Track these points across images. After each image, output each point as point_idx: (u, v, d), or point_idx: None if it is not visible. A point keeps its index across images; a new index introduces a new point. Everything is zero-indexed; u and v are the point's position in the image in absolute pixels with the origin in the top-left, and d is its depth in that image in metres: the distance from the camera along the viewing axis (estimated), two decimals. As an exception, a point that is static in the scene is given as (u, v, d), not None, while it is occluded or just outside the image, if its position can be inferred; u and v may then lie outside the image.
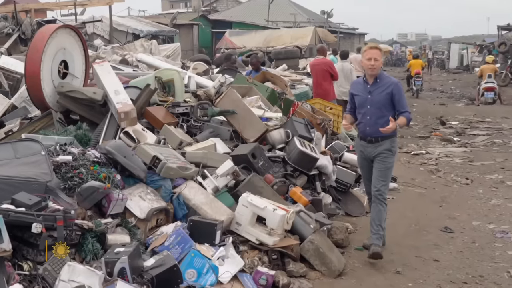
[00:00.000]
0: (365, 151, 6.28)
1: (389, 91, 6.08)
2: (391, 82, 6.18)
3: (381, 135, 6.06)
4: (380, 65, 6.20)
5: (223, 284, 4.85)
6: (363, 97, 6.21)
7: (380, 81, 6.17)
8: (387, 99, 6.09)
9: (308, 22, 48.09)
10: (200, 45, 38.73)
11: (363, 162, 6.42)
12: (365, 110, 6.18)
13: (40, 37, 7.13)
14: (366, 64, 6.14)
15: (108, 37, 24.76)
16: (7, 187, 4.38)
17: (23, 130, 6.68)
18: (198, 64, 14.13)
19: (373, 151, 6.18)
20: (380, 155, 6.13)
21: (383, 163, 6.14)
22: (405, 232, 7.06)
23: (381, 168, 6.15)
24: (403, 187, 9.24)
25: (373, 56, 6.09)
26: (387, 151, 6.13)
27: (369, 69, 6.12)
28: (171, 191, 5.71)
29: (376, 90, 6.14)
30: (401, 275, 5.72)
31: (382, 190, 6.16)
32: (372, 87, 6.18)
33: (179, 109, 7.70)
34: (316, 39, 30.41)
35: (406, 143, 13.48)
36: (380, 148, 6.13)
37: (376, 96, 6.12)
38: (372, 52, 6.14)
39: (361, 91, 6.27)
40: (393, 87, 6.11)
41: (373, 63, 6.08)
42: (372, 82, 6.18)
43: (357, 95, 6.31)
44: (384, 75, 6.31)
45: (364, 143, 6.26)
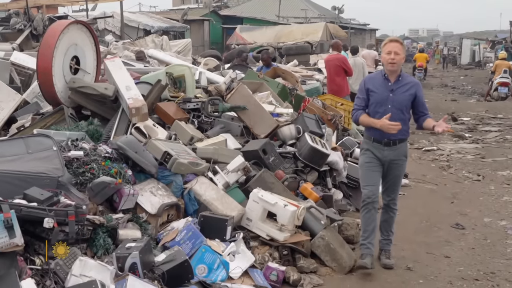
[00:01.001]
0: (379, 154, 5.74)
1: (413, 92, 5.69)
2: (414, 82, 5.82)
3: (399, 138, 5.69)
4: (402, 60, 5.69)
5: (233, 279, 4.85)
6: (384, 95, 5.69)
7: (403, 80, 5.73)
8: (409, 100, 5.70)
9: (319, 18, 47.94)
10: (211, 41, 38.76)
11: (373, 166, 5.81)
12: (385, 109, 5.65)
13: (51, 33, 7.15)
14: (386, 59, 5.67)
15: (119, 33, 24.84)
16: (19, 182, 4.40)
17: (35, 125, 6.71)
18: (209, 60, 14.14)
19: (389, 154, 5.72)
20: (397, 162, 5.76)
21: (399, 171, 5.84)
22: (416, 228, 7.04)
23: (397, 176, 5.86)
24: (414, 183, 9.21)
25: (393, 50, 5.62)
26: (404, 157, 5.81)
27: (389, 64, 5.63)
28: (182, 187, 5.72)
29: (400, 89, 5.68)
30: (412, 272, 5.70)
31: (395, 198, 5.95)
32: (395, 85, 5.70)
33: (190, 104, 7.71)
34: (327, 35, 30.33)
35: (417, 139, 13.41)
36: (397, 153, 5.73)
37: (399, 96, 5.67)
38: (392, 45, 5.67)
39: (380, 88, 5.73)
40: (417, 87, 5.74)
41: (393, 56, 5.60)
42: (395, 80, 5.71)
43: (375, 92, 5.75)
44: (405, 74, 5.87)
45: (379, 146, 5.74)
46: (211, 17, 40.56)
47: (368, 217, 5.77)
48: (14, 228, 3.80)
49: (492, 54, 39.20)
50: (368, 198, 5.74)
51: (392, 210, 5.95)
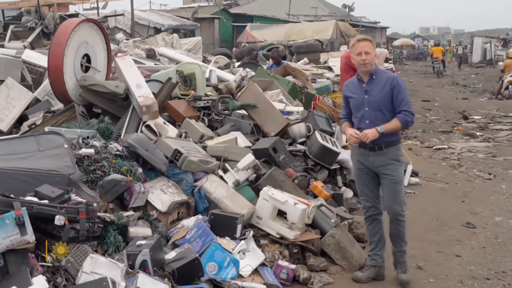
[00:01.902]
0: (365, 161, 5.34)
1: (388, 88, 5.18)
2: (390, 77, 5.29)
3: (385, 141, 5.21)
4: (374, 59, 5.26)
5: (243, 277, 4.85)
6: (359, 98, 5.31)
7: (377, 77, 5.27)
8: (387, 97, 5.20)
9: (329, 16, 47.91)
10: (221, 39, 38.78)
11: (361, 174, 5.45)
12: (363, 112, 5.28)
13: (63, 31, 7.18)
14: (357, 60, 5.24)
15: (130, 31, 24.88)
16: (30, 180, 4.42)
17: (46, 123, 6.75)
18: (219, 58, 14.14)
19: (376, 160, 5.27)
20: (387, 168, 5.26)
21: (393, 178, 5.28)
22: (426, 227, 7.01)
23: (392, 184, 5.28)
24: (424, 181, 9.18)
25: (363, 50, 5.20)
26: (395, 162, 5.28)
27: (362, 65, 5.21)
28: (192, 185, 5.73)
29: (374, 88, 5.24)
30: (423, 270, 5.69)
31: (399, 210, 5.37)
32: (368, 85, 5.28)
33: (200, 102, 7.73)
34: (337, 33, 30.26)
35: (428, 138, 13.37)
36: (385, 158, 5.24)
37: (375, 95, 5.22)
38: (362, 45, 5.24)
39: (356, 92, 5.36)
40: (392, 82, 5.21)
41: (364, 57, 5.18)
42: (368, 79, 5.29)
43: (352, 97, 5.40)
44: (380, 70, 5.40)
45: (364, 152, 5.32)
46: (221, 15, 40.60)
47: (371, 228, 5.55)
48: (25, 225, 3.82)
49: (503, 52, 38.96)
50: (366, 211, 5.54)
51: (399, 223, 5.42)
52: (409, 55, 55.62)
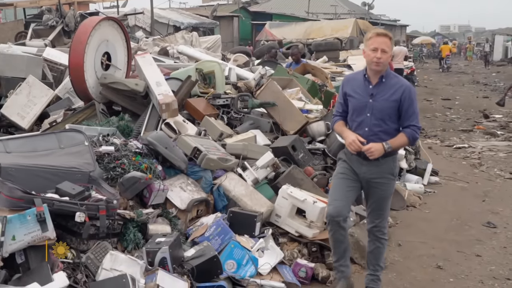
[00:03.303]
0: (357, 169, 4.70)
1: (398, 97, 4.53)
2: (402, 85, 4.60)
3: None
4: (388, 60, 4.60)
5: (262, 275, 4.85)
6: (362, 100, 4.63)
7: (387, 82, 4.60)
8: (394, 107, 4.56)
9: (349, 14, 47.76)
10: (240, 37, 38.81)
11: (344, 178, 4.75)
12: (363, 118, 4.62)
13: (83, 29, 7.23)
14: (370, 57, 4.54)
15: (150, 29, 24.99)
16: (51, 177, 4.45)
17: (67, 120, 6.80)
18: (238, 56, 14.14)
19: (369, 171, 4.67)
20: (379, 182, 4.68)
21: (384, 192, 4.73)
22: (446, 226, 6.96)
23: (380, 198, 4.74)
24: (445, 181, 9.12)
25: (380, 46, 4.51)
26: (389, 175, 4.71)
27: (374, 63, 4.53)
28: (211, 182, 5.74)
29: (381, 94, 4.58)
30: (442, 270, 5.65)
31: (381, 225, 4.84)
32: (375, 88, 4.60)
33: (220, 100, 7.74)
34: (357, 31, 30.13)
35: (448, 137, 13.30)
36: (379, 170, 4.65)
37: (380, 102, 4.57)
38: (380, 41, 4.54)
39: (359, 92, 4.67)
40: (404, 91, 4.54)
41: (379, 55, 4.50)
42: (377, 82, 4.62)
43: (353, 96, 4.70)
44: (392, 74, 4.71)
45: (358, 159, 4.67)
46: (241, 13, 40.65)
47: (335, 238, 4.73)
48: (46, 222, 3.85)
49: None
50: (331, 216, 4.65)
51: (379, 240, 4.86)
52: (429, 53, 55.22)
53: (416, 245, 6.28)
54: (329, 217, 4.66)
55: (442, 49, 38.30)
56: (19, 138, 5.15)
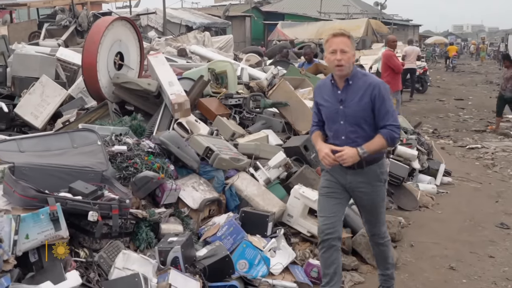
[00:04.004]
0: (341, 179, 4.37)
1: (368, 98, 4.16)
2: (370, 83, 4.20)
3: (366, 159, 4.23)
4: (352, 59, 4.20)
5: (274, 275, 4.85)
6: (333, 108, 4.30)
7: (354, 84, 4.23)
8: (366, 109, 4.19)
9: (361, 14, 47.68)
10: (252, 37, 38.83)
11: (329, 189, 4.43)
12: (337, 127, 4.30)
13: (96, 29, 7.26)
14: (331, 60, 4.19)
15: (162, 29, 25.07)
16: (64, 176, 4.47)
17: (80, 120, 6.83)
18: (250, 56, 14.16)
19: (354, 180, 4.33)
20: (366, 191, 4.36)
21: (373, 199, 4.41)
22: (459, 227, 6.92)
23: (371, 206, 4.45)
24: (457, 181, 9.07)
25: (338, 47, 4.14)
26: (377, 182, 4.36)
27: (336, 67, 4.17)
28: (223, 182, 5.74)
29: (350, 97, 4.22)
30: (455, 271, 5.62)
31: (382, 233, 4.59)
32: (343, 93, 4.25)
33: (232, 100, 7.74)
34: (369, 31, 30.10)
35: (461, 137, 13.22)
36: (365, 178, 4.32)
37: (351, 107, 4.22)
38: (337, 41, 4.17)
39: (329, 100, 4.34)
40: (373, 90, 4.15)
41: (339, 57, 4.12)
42: (343, 85, 4.26)
43: (323, 105, 4.39)
44: (360, 73, 4.30)
45: (341, 169, 4.32)
46: (253, 13, 40.67)
47: (326, 257, 4.38)
48: (59, 221, 3.87)
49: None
50: (323, 233, 4.35)
51: (382, 244, 4.65)
52: (442, 53, 54.95)
53: (428, 245, 6.25)
54: (321, 236, 4.36)
55: (449, 49, 40.55)
56: (33, 138, 5.18)
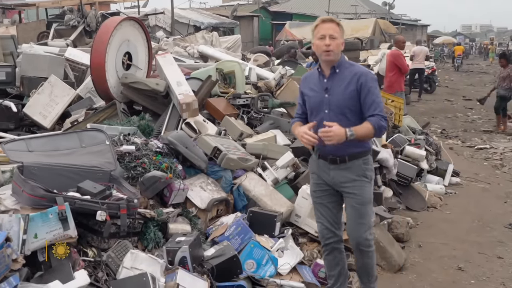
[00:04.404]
0: (325, 175, 4.28)
1: (354, 87, 4.07)
2: (357, 72, 4.12)
3: (350, 152, 4.13)
4: (340, 47, 4.12)
5: (282, 275, 4.85)
6: (318, 97, 4.20)
7: (341, 72, 4.14)
8: (352, 98, 4.08)
9: (369, 14, 47.61)
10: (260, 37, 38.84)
11: (319, 191, 4.37)
12: (322, 116, 4.14)
13: (105, 29, 7.28)
14: (319, 46, 4.09)
15: (170, 29, 25.10)
16: (73, 176, 4.49)
17: (88, 120, 6.85)
18: (258, 56, 14.16)
19: (337, 175, 4.21)
20: (351, 186, 4.18)
21: (359, 197, 4.18)
22: (468, 227, 6.90)
23: (357, 205, 4.19)
24: (466, 182, 9.05)
25: (327, 33, 4.05)
26: (361, 178, 4.18)
27: (324, 52, 4.07)
28: (231, 182, 5.74)
29: (336, 86, 4.13)
30: (464, 272, 5.60)
31: (364, 236, 4.24)
32: (329, 81, 4.16)
33: (240, 100, 7.75)
34: (377, 31, 30.04)
35: (469, 137, 13.19)
36: (348, 174, 4.17)
37: (336, 95, 4.11)
38: (326, 27, 4.08)
39: (314, 89, 4.24)
40: (359, 79, 4.07)
41: (328, 42, 4.04)
42: (329, 73, 4.17)
43: (308, 94, 4.28)
44: (346, 63, 4.23)
45: (324, 164, 4.25)
46: (261, 13, 40.69)
47: (330, 259, 4.48)
48: (68, 220, 3.89)
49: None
50: (323, 238, 4.42)
51: (365, 254, 4.33)
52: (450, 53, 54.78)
53: (437, 246, 6.24)
54: (322, 240, 4.44)
55: (455, 49, 42.13)
56: (41, 137, 5.19)
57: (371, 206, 4.34)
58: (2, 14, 24.30)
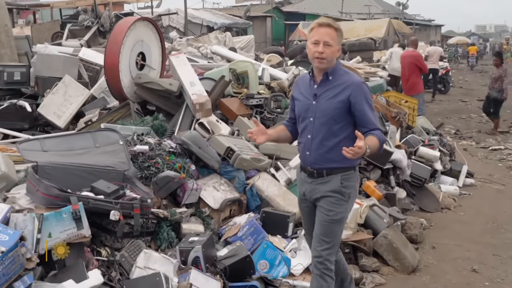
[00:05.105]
0: (302, 188, 4.03)
1: (345, 98, 3.75)
2: (350, 82, 3.80)
3: (328, 167, 3.84)
4: (335, 54, 3.81)
5: (295, 276, 4.84)
6: (306, 103, 3.92)
7: (334, 79, 3.83)
8: (340, 108, 3.77)
9: (382, 14, 47.45)
10: (273, 37, 38.83)
11: (302, 205, 4.14)
12: (306, 123, 3.90)
13: (119, 29, 7.30)
14: (312, 52, 3.79)
15: (183, 30, 25.13)
16: (87, 175, 4.51)
17: (102, 120, 6.87)
18: (271, 56, 14.14)
19: (314, 190, 3.91)
20: (324, 200, 3.86)
21: (327, 214, 3.83)
22: (482, 229, 6.86)
23: (324, 221, 3.85)
24: (480, 183, 8.99)
25: (322, 39, 3.75)
26: (335, 194, 3.83)
27: (316, 59, 3.78)
28: (244, 182, 5.75)
29: (325, 94, 3.83)
30: (478, 273, 5.57)
31: (324, 255, 3.84)
32: (320, 87, 3.87)
33: (253, 100, 7.74)
34: (391, 31, 29.92)
35: (483, 138, 13.11)
36: (324, 188, 3.86)
37: (323, 103, 3.82)
38: (322, 32, 3.77)
39: (304, 94, 3.96)
40: (352, 90, 3.76)
41: (321, 49, 3.74)
42: (321, 80, 3.87)
43: (298, 99, 4.01)
44: (341, 70, 3.91)
45: (304, 177, 4.00)
46: (274, 14, 40.67)
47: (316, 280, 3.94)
48: (81, 219, 3.91)
49: None
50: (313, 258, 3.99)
51: (323, 276, 3.86)
52: (465, 53, 54.44)
53: (451, 247, 6.21)
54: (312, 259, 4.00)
55: (469, 49, 42.27)
56: (56, 137, 5.23)
57: (341, 226, 3.95)
58: (17, 15, 24.43)
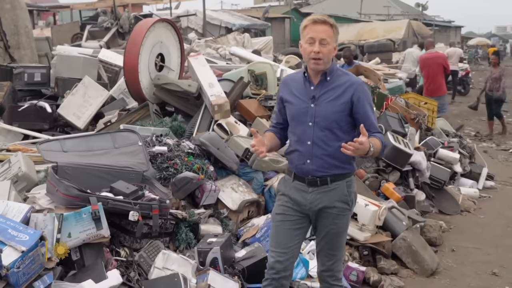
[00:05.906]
0: (301, 198, 3.64)
1: (347, 98, 3.52)
2: (352, 82, 3.57)
3: (332, 173, 3.59)
4: (332, 53, 3.53)
5: (313, 278, 4.82)
6: (302, 106, 3.60)
7: (333, 80, 3.57)
8: (343, 111, 3.53)
9: (402, 15, 47.19)
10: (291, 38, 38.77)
11: (284, 215, 3.70)
12: (304, 129, 3.59)
13: (138, 31, 7.33)
14: (307, 51, 3.51)
15: (202, 31, 25.17)
16: (106, 176, 4.54)
17: (121, 121, 6.90)
18: (290, 57, 14.13)
19: (317, 200, 3.60)
20: (331, 212, 3.61)
21: (336, 226, 3.64)
22: (502, 232, 6.80)
23: (332, 234, 3.66)
24: (500, 185, 8.92)
25: (318, 37, 3.46)
26: (342, 204, 3.62)
27: (312, 60, 3.50)
28: (262, 184, 5.75)
29: (325, 95, 3.56)
30: (498, 277, 5.52)
31: (334, 269, 3.74)
32: (318, 89, 3.58)
33: (271, 102, 7.72)
34: (410, 32, 29.77)
35: (504, 140, 12.99)
36: (330, 197, 3.59)
37: (325, 106, 3.54)
38: (318, 29, 3.48)
39: (298, 96, 3.64)
40: (355, 90, 3.52)
41: (317, 48, 3.46)
42: (319, 81, 3.59)
43: (290, 101, 3.67)
44: (339, 70, 3.66)
45: (302, 186, 3.64)
46: (292, 15, 40.55)
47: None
48: (101, 220, 3.93)
49: None
50: (272, 270, 3.70)
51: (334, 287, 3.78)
52: (485, 55, 54.02)
53: (470, 250, 6.16)
54: (269, 273, 3.72)
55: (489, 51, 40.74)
56: (75, 138, 5.26)
57: (346, 235, 3.84)
58: (37, 16, 24.66)
